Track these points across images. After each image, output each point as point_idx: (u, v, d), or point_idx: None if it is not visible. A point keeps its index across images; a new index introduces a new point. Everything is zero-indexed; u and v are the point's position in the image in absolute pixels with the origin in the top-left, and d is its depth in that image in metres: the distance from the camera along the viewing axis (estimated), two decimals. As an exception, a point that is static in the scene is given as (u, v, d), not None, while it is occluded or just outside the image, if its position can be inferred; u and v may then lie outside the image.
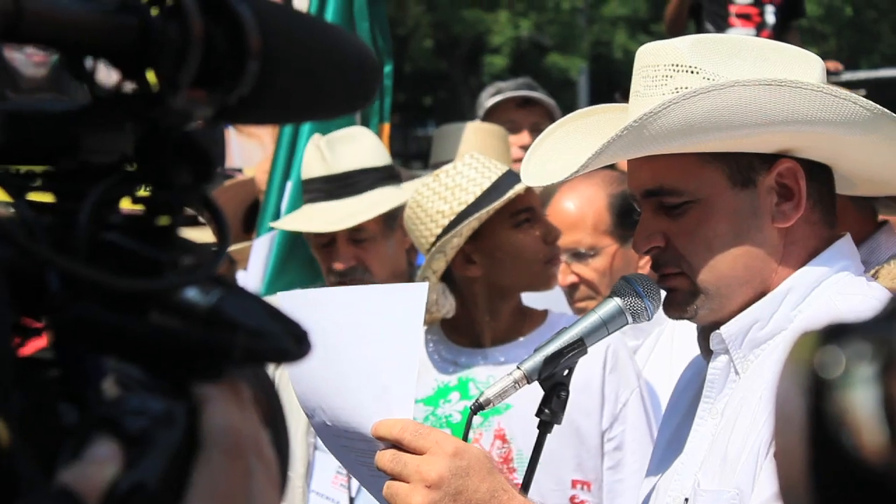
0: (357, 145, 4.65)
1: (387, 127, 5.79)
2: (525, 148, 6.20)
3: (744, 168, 2.49)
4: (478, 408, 2.62)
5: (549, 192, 4.53)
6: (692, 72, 2.46)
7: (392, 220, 4.46)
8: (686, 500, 2.53)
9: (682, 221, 2.51)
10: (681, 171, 2.49)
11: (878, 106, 2.42)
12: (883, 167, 2.58)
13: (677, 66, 2.47)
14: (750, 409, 2.46)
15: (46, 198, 1.04)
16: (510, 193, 3.76)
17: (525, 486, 2.66)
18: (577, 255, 4.50)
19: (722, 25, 9.05)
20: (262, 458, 1.02)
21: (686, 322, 2.63)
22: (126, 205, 1.06)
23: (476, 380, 3.83)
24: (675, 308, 2.57)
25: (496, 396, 2.61)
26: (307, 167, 4.60)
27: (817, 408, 0.87)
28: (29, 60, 4.22)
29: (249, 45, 1.03)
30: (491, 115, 6.56)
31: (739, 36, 2.54)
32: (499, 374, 3.72)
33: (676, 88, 2.46)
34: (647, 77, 2.52)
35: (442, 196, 3.82)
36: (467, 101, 26.28)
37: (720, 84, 2.39)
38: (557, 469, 3.68)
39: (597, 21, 29.00)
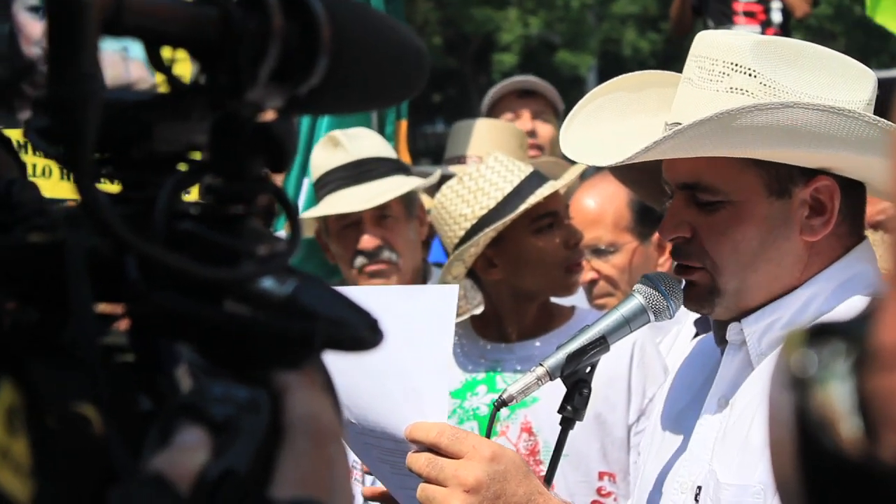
0: (369, 139, 4.78)
1: (404, 123, 5.81)
2: (530, 134, 6.26)
3: (783, 178, 2.49)
4: (501, 403, 2.64)
5: (570, 189, 4.54)
6: (750, 74, 2.46)
7: (411, 205, 4.55)
8: (699, 488, 2.54)
9: (712, 218, 2.51)
10: (720, 171, 2.50)
11: None
12: None
13: (736, 65, 2.48)
14: None
15: (113, 187, 1.06)
16: (530, 201, 3.77)
17: (548, 481, 2.68)
18: (597, 252, 4.52)
19: (727, 23, 9.03)
20: (339, 444, 1.04)
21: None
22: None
23: (503, 374, 3.84)
24: (694, 303, 2.59)
25: (519, 393, 2.63)
26: (326, 160, 4.67)
27: (799, 405, 0.89)
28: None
29: (322, 39, 1.05)
30: (494, 109, 6.61)
31: (801, 42, 2.54)
32: (525, 368, 3.75)
33: (731, 87, 2.47)
34: (702, 68, 2.52)
35: (465, 199, 3.84)
36: (476, 99, 26.27)
37: (781, 102, 2.39)
38: (584, 461, 3.69)
39: (606, 18, 28.99)
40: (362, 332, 1.03)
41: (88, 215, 0.96)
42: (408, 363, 2.54)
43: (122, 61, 1.28)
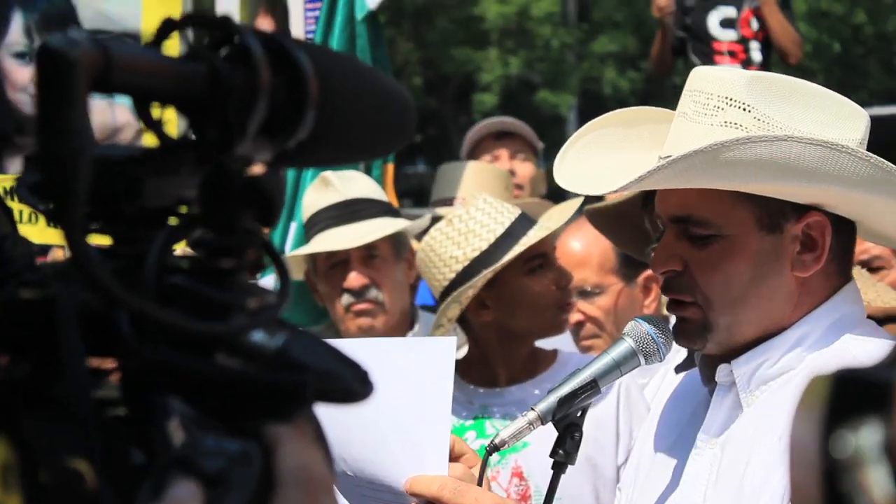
0: (361, 181, 4.83)
1: (391, 167, 5.83)
2: (512, 172, 6.30)
3: (774, 213, 2.51)
4: (493, 448, 2.65)
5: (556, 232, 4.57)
6: (744, 109, 2.48)
7: (400, 247, 4.56)
8: None
9: (704, 252, 2.53)
10: (713, 205, 2.52)
11: None
12: None
13: (731, 99, 2.49)
14: (766, 448, 2.47)
15: (103, 240, 1.06)
16: (525, 241, 3.79)
17: None
18: (583, 294, 4.54)
19: (708, 63, 9.08)
20: (330, 495, 1.04)
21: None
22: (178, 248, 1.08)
23: (493, 419, 3.84)
24: (685, 338, 2.60)
25: (511, 437, 2.64)
26: (317, 200, 4.71)
27: (831, 487, 0.90)
28: (33, 101, 4.23)
29: (309, 92, 1.06)
30: (474, 153, 6.66)
31: (796, 80, 2.56)
32: (514, 413, 3.76)
33: (726, 122, 2.48)
34: (697, 102, 2.54)
35: (455, 241, 3.85)
36: (457, 139, 26.30)
37: (775, 136, 2.42)
38: (578, 502, 3.70)
39: (586, 58, 29.10)
40: (352, 385, 1.04)
41: (79, 271, 0.96)
42: (408, 415, 2.54)
43: (109, 107, 1.29)
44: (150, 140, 1.06)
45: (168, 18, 1.04)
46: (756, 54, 9.08)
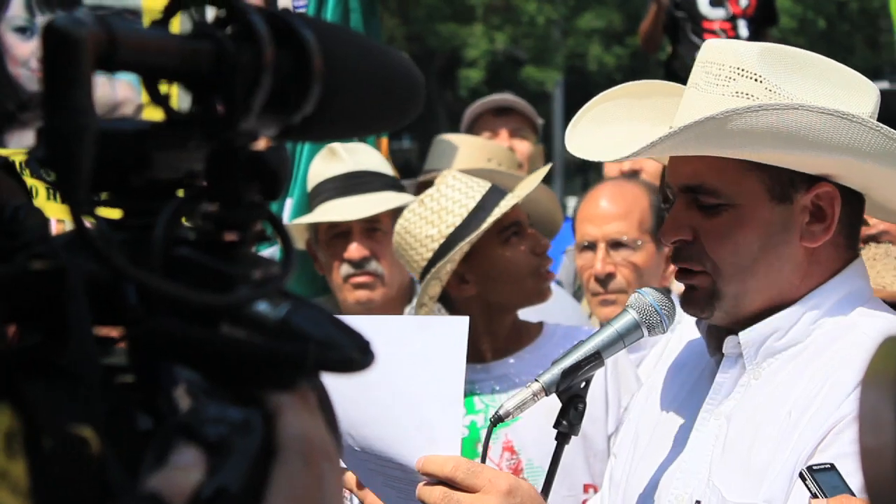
0: (368, 154, 4.85)
1: (385, 141, 5.84)
2: (511, 150, 6.29)
3: (785, 184, 2.53)
4: (497, 420, 2.66)
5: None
6: (756, 79, 2.49)
7: None
8: (698, 502, 2.55)
9: (714, 221, 2.54)
10: (724, 175, 2.53)
11: None
12: None
13: (742, 70, 2.51)
14: (776, 422, 2.49)
15: (113, 214, 1.09)
16: (497, 212, 3.80)
17: (545, 496, 2.70)
18: (618, 245, 4.58)
19: (698, 40, 9.09)
20: (331, 462, 1.07)
21: (693, 332, 2.67)
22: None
23: (481, 395, 3.86)
24: (694, 307, 2.61)
25: (515, 408, 2.66)
26: (323, 170, 4.75)
27: None
28: (33, 76, 4.25)
29: (313, 68, 1.08)
30: (472, 128, 6.64)
31: (807, 52, 2.57)
32: (501, 387, 3.78)
33: (737, 92, 2.50)
34: (709, 73, 2.55)
35: (429, 220, 3.87)
36: (443, 115, 26.31)
37: (787, 104, 2.43)
38: (570, 476, 3.72)
39: (572, 34, 29.07)
40: (352, 354, 1.06)
41: (84, 243, 0.99)
42: (420, 394, 2.56)
43: (109, 82, 1.31)
44: (154, 115, 1.08)
45: (174, -4, 1.06)
46: (743, 30, 9.11)
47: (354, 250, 4.58)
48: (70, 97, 0.96)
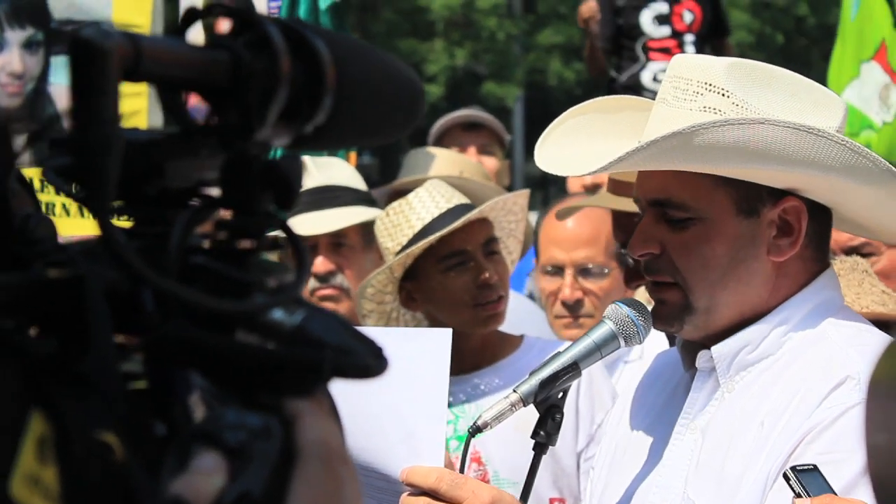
0: (340, 168, 4.90)
1: (353, 155, 5.85)
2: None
3: (752, 198, 2.55)
4: (475, 430, 2.67)
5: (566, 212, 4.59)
6: (723, 94, 2.52)
7: (371, 235, 4.59)
8: None
9: (682, 235, 2.56)
10: (691, 189, 2.55)
11: (888, 164, 2.50)
12: (882, 217, 2.67)
13: (710, 85, 2.53)
14: (749, 433, 2.51)
15: (126, 223, 1.10)
16: (430, 239, 3.79)
17: None
18: (586, 272, 4.59)
19: (643, 61, 9.14)
20: (348, 467, 1.08)
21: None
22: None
23: (457, 405, 3.87)
24: (663, 321, 2.63)
25: (493, 419, 2.67)
26: None
27: None
28: (3, 91, 4.24)
29: (326, 78, 1.10)
30: (440, 142, 6.64)
31: (775, 67, 2.60)
32: (478, 399, 3.79)
33: (705, 107, 2.52)
34: (677, 88, 2.57)
35: (389, 233, 3.90)
36: (403, 130, 26.23)
37: (752, 118, 2.45)
38: (536, 489, 3.71)
39: (532, 49, 29.14)
40: (368, 360, 1.07)
41: (109, 251, 1.00)
42: (403, 405, 2.57)
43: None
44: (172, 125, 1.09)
45: (190, 8, 1.08)
46: (689, 48, 9.12)
47: (320, 264, 4.60)
48: (99, 108, 0.97)
